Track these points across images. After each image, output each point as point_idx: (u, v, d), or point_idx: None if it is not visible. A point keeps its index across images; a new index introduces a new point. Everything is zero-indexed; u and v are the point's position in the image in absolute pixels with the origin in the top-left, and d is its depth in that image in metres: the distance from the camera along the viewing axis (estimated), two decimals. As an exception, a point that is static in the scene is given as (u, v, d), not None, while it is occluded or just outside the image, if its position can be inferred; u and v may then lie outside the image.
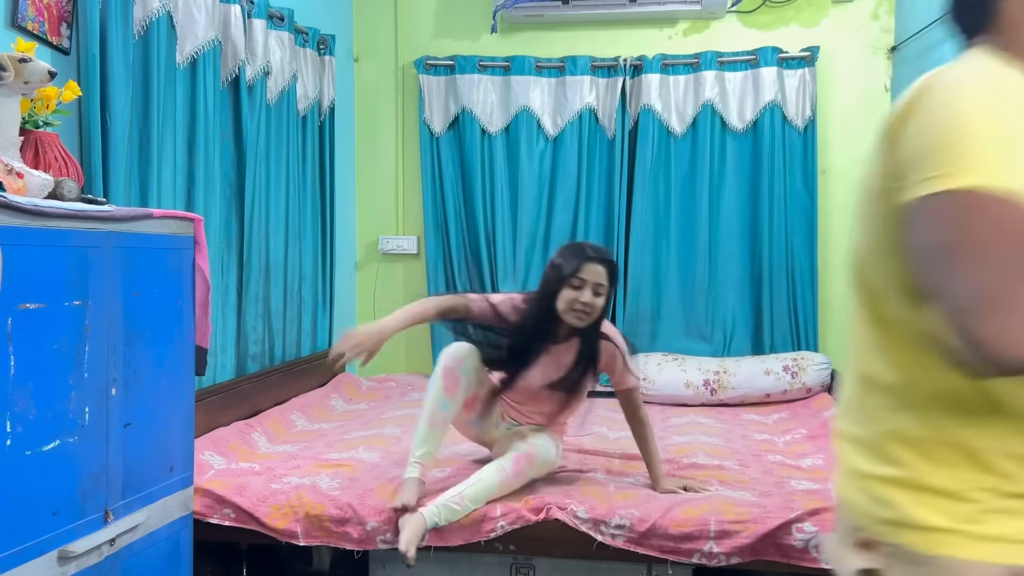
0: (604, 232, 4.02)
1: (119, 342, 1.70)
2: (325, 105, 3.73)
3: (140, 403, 1.77)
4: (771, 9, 3.97)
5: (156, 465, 1.85)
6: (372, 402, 3.58)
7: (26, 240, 1.46)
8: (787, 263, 3.89)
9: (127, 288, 1.73)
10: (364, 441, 2.83)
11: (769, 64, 3.86)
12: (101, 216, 1.66)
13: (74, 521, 1.58)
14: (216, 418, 2.73)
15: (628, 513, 2.16)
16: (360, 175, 4.29)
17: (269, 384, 3.17)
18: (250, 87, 3.08)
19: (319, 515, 2.23)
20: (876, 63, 3.92)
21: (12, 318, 1.42)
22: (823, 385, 3.56)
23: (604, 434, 2.97)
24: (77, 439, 1.58)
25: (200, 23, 2.71)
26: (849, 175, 3.97)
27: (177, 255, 1.92)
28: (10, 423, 1.42)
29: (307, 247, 3.58)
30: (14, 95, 1.66)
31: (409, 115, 4.22)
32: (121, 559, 1.72)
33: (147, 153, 2.48)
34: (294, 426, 3.06)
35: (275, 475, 2.40)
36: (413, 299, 4.23)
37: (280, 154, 3.34)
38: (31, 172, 1.61)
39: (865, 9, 3.92)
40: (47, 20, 2.13)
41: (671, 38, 4.05)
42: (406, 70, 4.21)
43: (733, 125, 3.91)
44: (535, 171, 4.05)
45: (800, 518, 2.09)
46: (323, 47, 3.72)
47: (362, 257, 4.30)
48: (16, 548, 1.44)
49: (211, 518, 2.26)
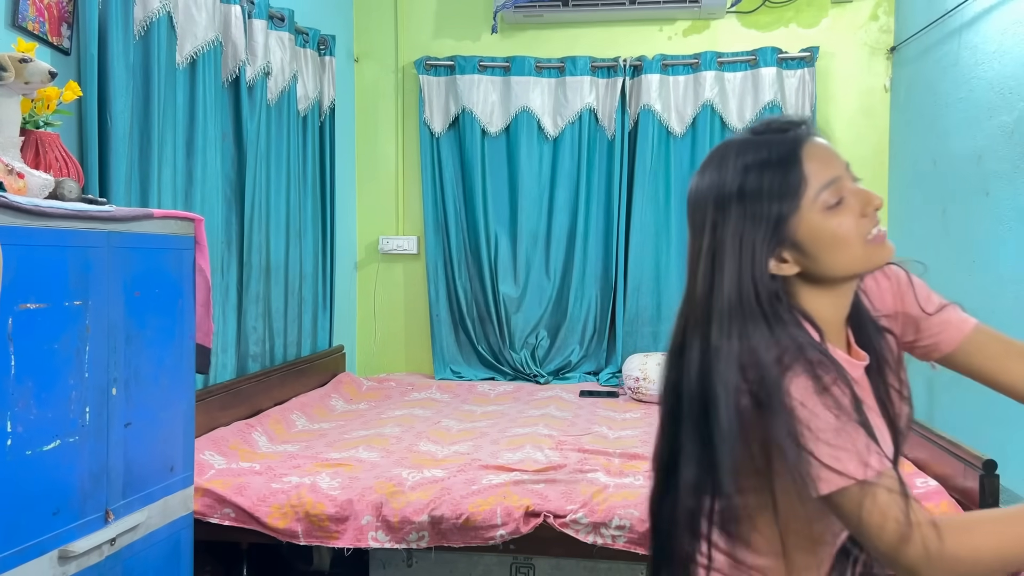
0: (604, 232, 4.03)
1: (119, 342, 1.70)
2: (325, 105, 3.74)
3: (140, 403, 1.78)
4: (771, 9, 3.97)
5: (156, 465, 1.85)
6: (372, 402, 3.58)
7: (26, 240, 1.46)
8: (787, 263, 3.89)
9: (127, 288, 1.73)
10: (364, 441, 2.83)
11: (769, 64, 3.86)
12: (101, 216, 1.66)
13: (74, 521, 1.58)
14: (216, 418, 2.74)
15: (628, 513, 2.16)
16: (360, 175, 4.29)
17: (269, 384, 3.18)
18: (250, 87, 3.08)
19: (319, 515, 2.23)
20: (876, 63, 3.93)
21: (12, 318, 1.42)
22: None
23: (604, 434, 2.98)
24: (77, 439, 1.58)
25: (200, 23, 2.71)
26: (849, 175, 3.97)
27: (177, 255, 1.92)
28: (10, 423, 1.42)
29: (307, 247, 3.58)
30: (14, 95, 1.67)
31: (409, 115, 4.22)
32: (121, 559, 1.72)
33: (147, 153, 2.48)
34: (294, 426, 3.07)
35: (275, 475, 2.41)
36: (413, 299, 4.31)
37: (280, 154, 3.34)
38: (31, 172, 1.62)
39: (865, 9, 3.92)
40: (47, 20, 2.14)
41: (671, 38, 4.05)
42: (406, 70, 4.21)
43: (733, 125, 3.92)
44: (535, 171, 4.05)
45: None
46: (323, 47, 3.72)
47: (362, 257, 4.31)
48: (16, 548, 1.44)
49: (211, 518, 2.27)
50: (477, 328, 4.13)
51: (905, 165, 3.74)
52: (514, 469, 2.43)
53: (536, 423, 3.09)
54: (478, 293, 4.11)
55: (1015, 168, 2.65)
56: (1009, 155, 2.69)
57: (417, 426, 3.07)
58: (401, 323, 4.30)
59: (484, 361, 4.13)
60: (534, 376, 4.04)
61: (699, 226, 1.01)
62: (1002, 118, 2.75)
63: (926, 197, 3.43)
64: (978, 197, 2.90)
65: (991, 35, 2.86)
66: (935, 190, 3.33)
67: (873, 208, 1.00)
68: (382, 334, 4.30)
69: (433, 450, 2.72)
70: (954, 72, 3.16)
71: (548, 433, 2.94)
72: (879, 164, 3.93)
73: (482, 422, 3.16)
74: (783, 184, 0.97)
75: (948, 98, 3.21)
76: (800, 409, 0.90)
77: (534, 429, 2.98)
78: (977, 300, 2.89)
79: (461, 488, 2.27)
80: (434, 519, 2.19)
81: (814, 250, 0.98)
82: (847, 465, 0.88)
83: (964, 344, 1.10)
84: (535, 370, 4.06)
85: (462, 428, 3.06)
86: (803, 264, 0.99)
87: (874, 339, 1.06)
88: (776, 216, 0.97)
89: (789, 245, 0.98)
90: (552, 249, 4.09)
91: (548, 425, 3.07)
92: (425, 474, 2.39)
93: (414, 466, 2.48)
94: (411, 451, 2.70)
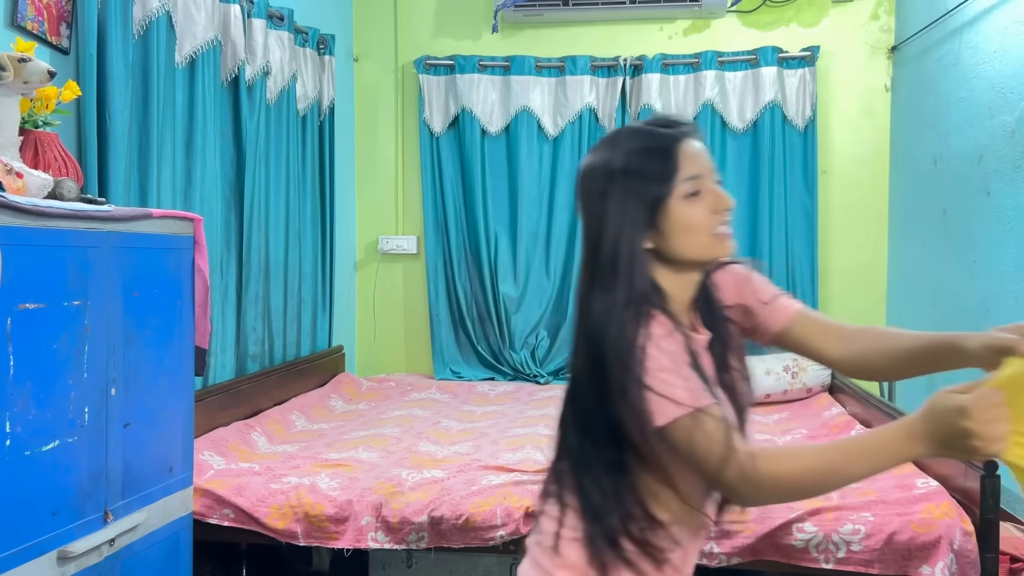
0: (604, 232, 4.02)
1: (118, 342, 1.70)
2: (325, 105, 3.73)
3: (139, 403, 1.77)
4: (771, 9, 3.97)
5: (156, 465, 1.85)
6: (372, 402, 3.57)
7: (26, 240, 1.46)
8: (787, 263, 3.89)
9: (126, 288, 1.72)
10: (364, 441, 2.83)
11: (769, 64, 3.86)
12: (100, 216, 1.66)
13: (74, 521, 1.57)
14: (216, 418, 2.73)
15: (628, 513, 2.16)
16: (360, 175, 4.29)
17: (269, 384, 3.17)
18: (250, 87, 3.08)
19: (319, 515, 2.22)
20: (876, 63, 3.92)
21: (12, 318, 1.41)
22: (823, 385, 3.56)
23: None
24: (76, 439, 1.58)
25: (199, 23, 2.71)
26: (849, 175, 3.97)
27: (176, 255, 1.91)
28: (9, 423, 1.41)
29: (307, 247, 3.58)
30: (13, 95, 1.66)
31: (409, 115, 4.22)
32: (121, 559, 1.71)
33: (146, 153, 2.48)
34: (294, 426, 3.06)
35: (275, 475, 2.40)
36: (413, 299, 4.31)
37: (280, 154, 3.33)
38: (30, 172, 1.61)
39: (865, 9, 3.92)
40: (46, 20, 2.13)
41: (671, 38, 4.05)
42: (406, 70, 4.21)
43: (733, 125, 3.91)
44: (535, 171, 4.05)
45: (800, 518, 2.09)
46: (323, 47, 3.72)
47: (362, 257, 4.30)
48: (16, 548, 1.43)
49: (211, 518, 2.26)
50: (477, 328, 4.13)
51: (906, 165, 3.73)
52: (514, 470, 2.42)
53: (536, 423, 3.08)
54: (478, 293, 4.10)
55: (1016, 168, 2.65)
56: (1010, 155, 2.69)
57: (417, 426, 3.06)
58: (401, 323, 4.30)
59: (484, 361, 4.13)
60: (534, 376, 4.04)
61: (589, 196, 1.17)
62: (1003, 118, 2.74)
63: (926, 197, 3.43)
64: (979, 197, 2.90)
65: (992, 35, 2.85)
66: (936, 190, 3.33)
67: (724, 207, 1.15)
68: (382, 334, 4.30)
69: (433, 450, 2.72)
70: (955, 72, 3.15)
71: (548, 433, 2.91)
72: (879, 164, 3.92)
73: (482, 422, 3.16)
74: (660, 169, 1.13)
75: (949, 98, 3.20)
76: (642, 353, 1.06)
77: (534, 429, 2.98)
78: (977, 300, 2.89)
79: (461, 489, 2.27)
80: (434, 520, 2.19)
81: (669, 231, 1.13)
82: (679, 396, 1.05)
83: (790, 325, 1.28)
84: (535, 370, 4.06)
85: (462, 428, 3.05)
86: (658, 242, 1.14)
87: (719, 325, 1.23)
88: (651, 195, 1.13)
89: (654, 224, 1.14)
90: (552, 249, 4.08)
91: (548, 425, 3.06)
92: (425, 475, 2.38)
93: (414, 466, 2.47)
94: (411, 451, 2.69)
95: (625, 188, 1.13)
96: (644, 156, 1.14)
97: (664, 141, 1.15)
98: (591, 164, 1.18)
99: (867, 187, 3.94)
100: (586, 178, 1.18)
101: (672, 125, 1.17)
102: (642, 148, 1.15)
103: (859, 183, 3.95)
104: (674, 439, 1.06)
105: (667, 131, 1.16)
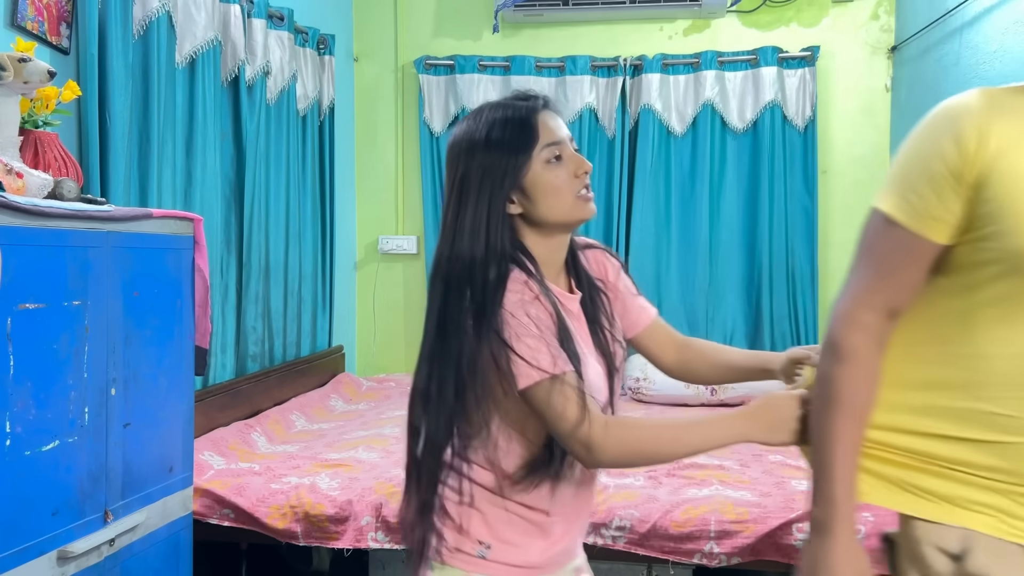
0: (604, 232, 4.02)
1: (118, 342, 1.70)
2: (325, 105, 3.73)
3: (139, 403, 1.77)
4: (771, 9, 3.97)
5: (155, 465, 1.85)
6: (372, 402, 3.57)
7: (26, 240, 1.46)
8: (787, 263, 3.89)
9: (126, 288, 1.72)
10: (364, 441, 2.83)
11: (769, 64, 3.86)
12: (101, 216, 1.66)
13: (74, 521, 1.58)
14: (216, 418, 2.73)
15: (628, 514, 2.16)
16: (360, 175, 4.29)
17: (269, 384, 3.17)
18: (250, 87, 3.08)
19: (319, 515, 2.22)
20: (876, 63, 3.92)
21: (12, 318, 1.41)
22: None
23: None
24: (76, 439, 1.58)
25: (200, 23, 2.71)
26: (849, 175, 3.97)
27: (176, 255, 1.91)
28: (9, 423, 1.41)
29: (307, 247, 3.58)
30: (14, 95, 1.66)
31: (409, 115, 4.22)
32: (121, 559, 1.71)
33: (146, 153, 2.48)
34: (294, 426, 3.06)
35: (275, 475, 2.40)
36: (413, 299, 4.30)
37: (280, 154, 3.33)
38: (31, 172, 1.61)
39: (865, 9, 3.92)
40: (47, 20, 2.13)
41: (671, 38, 4.05)
42: (406, 70, 4.21)
43: (733, 125, 3.91)
44: (535, 171, 4.04)
45: (800, 518, 2.09)
46: (323, 47, 3.72)
47: (362, 257, 4.30)
48: (16, 548, 1.43)
49: (211, 518, 2.26)
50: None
51: (905, 165, 3.73)
52: (514, 469, 2.42)
53: (536, 423, 3.08)
54: (478, 293, 4.10)
55: (1016, 168, 2.65)
56: (1010, 155, 2.69)
57: (417, 426, 3.06)
58: (401, 323, 4.29)
59: (484, 361, 4.12)
60: (534, 376, 4.03)
61: (452, 165, 1.23)
62: (1003, 118, 2.74)
63: (926, 197, 3.42)
64: (979, 197, 2.90)
65: (992, 34, 2.85)
66: (936, 190, 3.32)
67: (584, 171, 1.22)
68: (382, 334, 4.29)
69: (433, 450, 2.71)
70: (955, 72, 3.15)
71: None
72: (879, 164, 3.92)
73: (482, 422, 3.15)
74: (519, 138, 1.20)
75: (949, 98, 3.20)
76: (510, 318, 1.13)
77: (534, 429, 2.98)
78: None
79: (461, 488, 2.26)
80: (434, 519, 2.19)
81: (535, 195, 1.20)
82: (541, 361, 1.12)
83: (646, 330, 1.41)
84: (535, 370, 4.05)
85: (462, 428, 3.05)
86: (525, 207, 1.21)
87: (590, 289, 1.32)
88: (511, 164, 1.19)
89: (518, 190, 1.20)
90: (552, 249, 4.08)
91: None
92: (425, 474, 2.38)
93: (414, 466, 2.47)
94: (411, 451, 2.69)
95: (488, 156, 1.19)
96: (505, 126, 1.21)
97: (523, 112, 1.22)
98: (456, 136, 1.24)
99: (867, 187, 3.94)
100: (452, 149, 1.24)
101: (529, 99, 1.26)
102: (503, 119, 1.21)
103: (859, 183, 3.95)
104: (535, 400, 1.14)
105: (525, 103, 1.24)
